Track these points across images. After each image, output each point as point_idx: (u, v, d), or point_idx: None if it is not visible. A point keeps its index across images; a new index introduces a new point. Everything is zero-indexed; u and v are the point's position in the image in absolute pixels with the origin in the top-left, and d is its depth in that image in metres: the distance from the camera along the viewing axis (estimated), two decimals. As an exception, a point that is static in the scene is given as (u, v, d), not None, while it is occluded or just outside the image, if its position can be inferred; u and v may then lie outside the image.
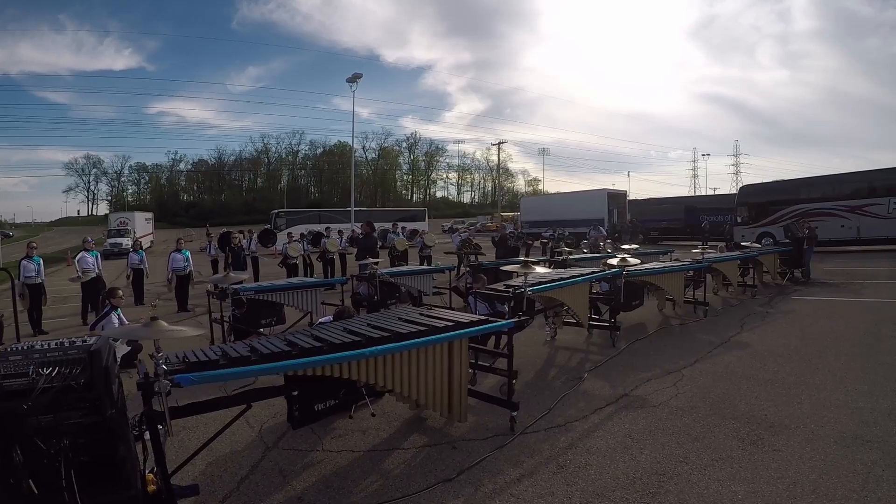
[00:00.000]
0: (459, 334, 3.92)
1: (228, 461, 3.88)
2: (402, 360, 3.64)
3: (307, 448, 4.05)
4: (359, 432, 4.34)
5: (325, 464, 3.78)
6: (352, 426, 4.44)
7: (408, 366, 3.69)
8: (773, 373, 5.43)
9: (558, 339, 7.25)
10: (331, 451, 3.99)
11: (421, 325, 3.87)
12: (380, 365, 3.50)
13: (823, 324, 7.62)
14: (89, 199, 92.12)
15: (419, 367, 3.76)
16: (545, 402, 4.87)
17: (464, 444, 4.07)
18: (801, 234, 12.03)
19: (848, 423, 4.10)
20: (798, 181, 22.00)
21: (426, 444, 4.09)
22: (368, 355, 3.36)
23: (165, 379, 2.58)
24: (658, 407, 4.63)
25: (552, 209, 32.26)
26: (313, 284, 8.04)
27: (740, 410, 4.46)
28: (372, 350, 3.37)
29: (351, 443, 4.14)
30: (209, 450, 3.74)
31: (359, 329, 3.79)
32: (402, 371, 3.65)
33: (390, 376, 3.58)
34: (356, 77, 29.94)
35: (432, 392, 3.88)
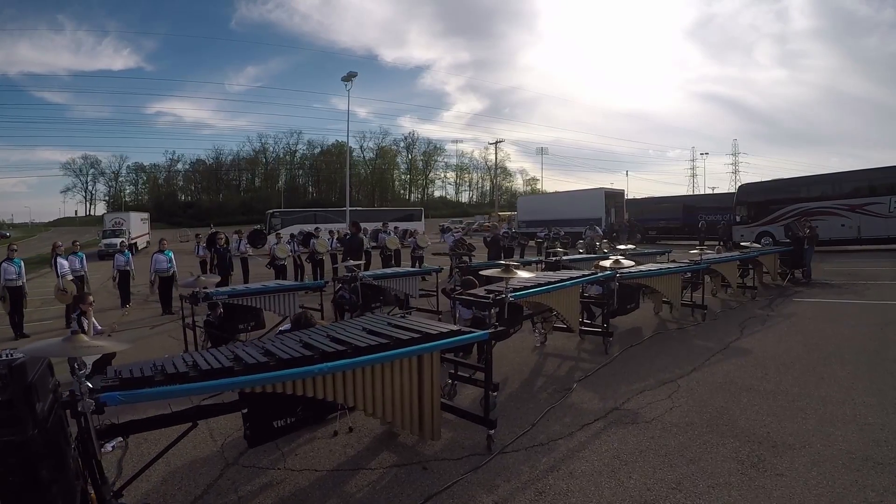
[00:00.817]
0: (425, 348, 3.57)
1: (185, 477, 3.67)
2: (362, 376, 3.32)
3: (268, 466, 3.78)
4: (325, 449, 4.04)
5: (285, 484, 3.53)
6: (319, 441, 4.17)
7: (370, 381, 3.37)
8: (775, 383, 5.06)
9: (549, 344, 6.89)
10: (292, 469, 3.72)
11: (384, 338, 3.53)
12: (336, 381, 3.19)
13: (827, 328, 7.26)
14: (87, 199, 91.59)
15: (383, 383, 3.44)
16: (529, 417, 4.52)
17: (436, 464, 3.74)
18: (801, 234, 11.67)
19: (857, 441, 3.73)
20: (798, 180, 21.63)
21: (395, 464, 3.78)
22: (317, 372, 3.05)
23: (90, 398, 2.41)
24: (651, 423, 4.26)
25: (549, 208, 31.87)
26: (290, 288, 7.67)
27: (740, 427, 4.09)
28: (321, 368, 3.05)
29: (315, 460, 3.86)
30: (167, 464, 3.73)
31: (317, 342, 3.49)
32: (362, 387, 3.34)
33: (350, 392, 3.28)
34: (351, 76, 29.55)
35: (400, 409, 3.56)
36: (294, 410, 3.40)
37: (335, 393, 3.20)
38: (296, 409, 3.40)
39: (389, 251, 16.19)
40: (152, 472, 3.56)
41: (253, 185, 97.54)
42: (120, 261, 12.60)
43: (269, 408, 3.25)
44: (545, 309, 5.99)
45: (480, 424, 3.99)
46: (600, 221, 26.80)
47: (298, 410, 3.45)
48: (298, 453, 3.99)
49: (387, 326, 3.95)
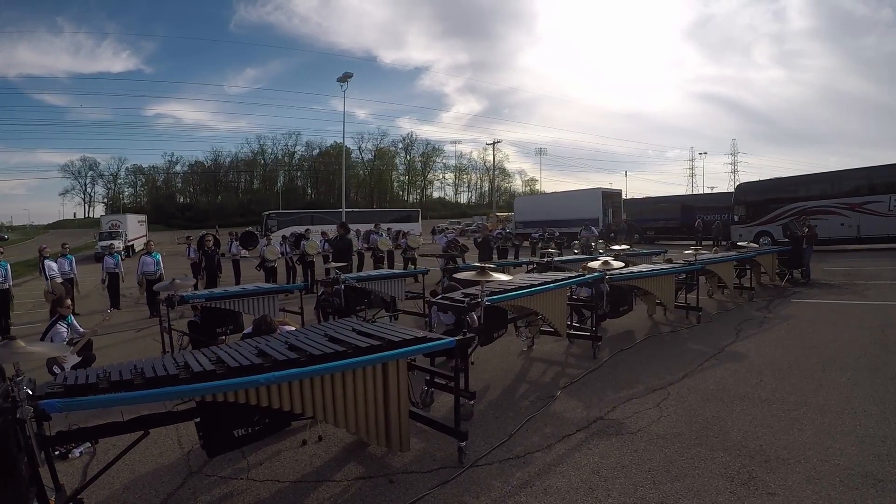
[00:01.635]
0: (386, 356, 3.30)
1: (147, 485, 3.55)
2: (321, 385, 3.08)
3: (231, 475, 3.62)
4: (292, 459, 3.84)
5: (246, 495, 3.37)
6: (286, 451, 3.97)
7: (329, 390, 3.13)
8: (770, 391, 4.78)
9: (536, 348, 6.62)
10: (255, 479, 3.55)
11: (343, 346, 3.29)
12: (293, 390, 2.98)
13: (826, 331, 6.97)
14: (86, 201, 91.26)
15: (345, 392, 3.20)
16: (507, 427, 4.25)
17: (403, 477, 3.50)
18: (800, 233, 11.38)
19: (856, 455, 3.46)
20: (796, 178, 21.34)
21: (360, 477, 3.55)
22: (262, 382, 2.81)
23: (29, 404, 2.32)
24: (636, 434, 3.98)
25: (546, 209, 31.62)
26: (268, 291, 7.41)
27: (732, 439, 3.81)
28: (266, 377, 2.81)
29: (279, 471, 3.67)
30: (131, 471, 3.68)
31: (272, 349, 3.26)
32: (321, 396, 3.10)
33: (309, 402, 3.05)
34: (347, 76, 29.39)
35: (364, 419, 3.32)
36: (256, 419, 3.17)
37: (291, 402, 2.98)
38: (257, 417, 3.17)
39: (381, 252, 15.93)
40: (116, 478, 3.56)
41: (251, 187, 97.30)
42: (109, 263, 12.54)
43: (228, 416, 3.04)
44: (530, 312, 5.71)
45: (451, 436, 3.74)
46: (597, 222, 26.55)
47: (257, 419, 3.21)
48: (263, 463, 3.80)
49: (351, 333, 3.70)
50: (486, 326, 5.35)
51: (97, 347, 7.87)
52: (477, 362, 6.07)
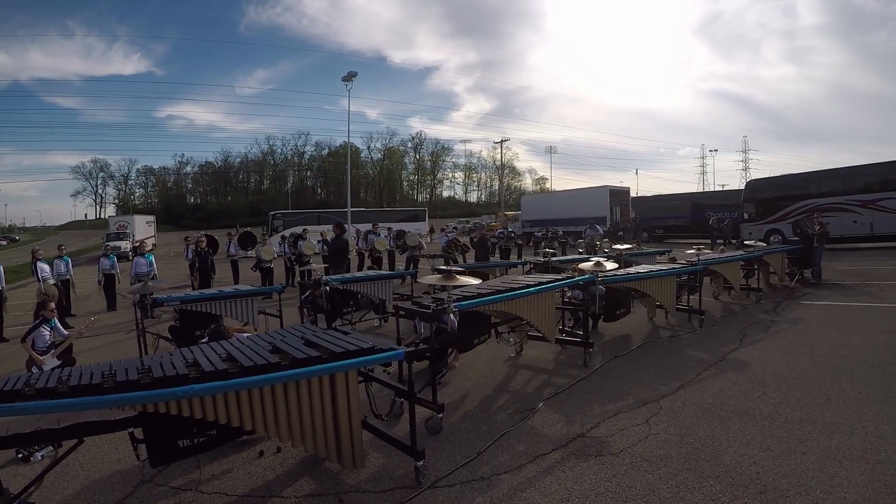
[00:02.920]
0: (321, 369, 2.96)
1: (98, 491, 3.47)
2: (258, 397, 2.84)
3: (182, 486, 3.47)
4: (244, 471, 3.64)
5: None
6: (241, 462, 3.78)
7: (270, 403, 2.88)
8: (773, 405, 4.33)
9: (525, 354, 6.22)
10: (204, 492, 3.39)
11: (279, 358, 3.00)
12: (224, 402, 2.75)
13: (836, 336, 6.47)
14: (97, 202, 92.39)
15: (288, 404, 2.93)
16: (478, 443, 3.87)
17: (354, 496, 3.21)
18: (811, 231, 10.83)
19: (867, 487, 3.00)
20: (807, 175, 20.63)
21: (310, 494, 3.28)
22: (181, 395, 2.61)
23: None
24: (618, 455, 3.57)
25: (553, 208, 31.10)
26: (246, 293, 7.11)
27: (725, 464, 3.38)
28: (185, 390, 2.61)
29: (230, 483, 3.49)
30: (86, 476, 3.63)
31: (207, 359, 3.00)
32: (259, 409, 2.86)
33: (247, 415, 2.82)
34: (351, 76, 29.24)
35: (311, 434, 3.04)
36: (195, 430, 2.93)
37: (228, 415, 2.76)
38: (196, 429, 2.93)
39: (379, 253, 15.59)
40: (70, 483, 3.56)
41: (261, 188, 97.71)
42: (105, 264, 12.58)
43: (171, 426, 2.82)
44: (513, 317, 5.30)
45: (407, 454, 3.39)
46: (605, 220, 25.99)
47: (197, 431, 2.95)
48: (216, 475, 3.61)
49: (298, 342, 3.35)
50: (465, 332, 4.98)
51: (86, 349, 7.70)
52: (459, 369, 5.70)
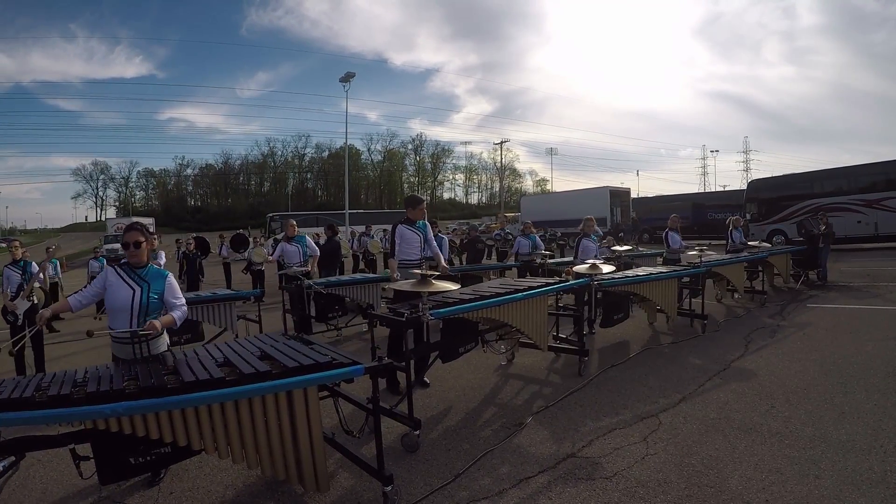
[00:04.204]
0: (266, 386, 2.63)
1: None
2: (206, 415, 2.58)
3: (139, 503, 3.24)
4: (205, 487, 3.39)
5: None
6: (205, 477, 3.54)
7: (219, 421, 2.61)
8: (783, 421, 3.96)
9: (517, 362, 5.86)
10: None
11: (226, 373, 2.74)
12: (168, 420, 2.52)
13: (846, 342, 6.10)
14: (97, 204, 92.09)
15: (240, 423, 2.65)
16: (457, 463, 3.52)
17: None
18: (816, 231, 10.45)
19: (892, 519, 2.64)
20: (810, 174, 20.23)
21: None
22: (109, 414, 2.37)
23: None
24: (611, 479, 3.21)
25: (554, 208, 30.76)
26: (225, 297, 6.76)
27: (730, 490, 3.01)
28: (113, 408, 2.36)
29: (189, 500, 3.25)
30: (44, 490, 3.47)
31: (147, 373, 2.74)
32: (208, 427, 2.59)
33: (195, 434, 2.58)
34: (349, 76, 29.09)
35: (267, 455, 2.74)
36: (155, 447, 2.64)
37: (173, 433, 2.52)
38: (142, 447, 2.63)
39: (372, 255, 15.27)
40: (27, 496, 3.41)
41: (261, 190, 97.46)
42: (94, 267, 12.38)
43: (121, 442, 2.55)
44: (502, 324, 4.94)
45: (374, 477, 3.05)
46: (605, 221, 25.62)
47: (145, 448, 2.64)
48: (175, 490, 3.37)
49: (250, 356, 3.01)
50: (449, 341, 4.63)
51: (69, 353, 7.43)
52: (445, 378, 5.36)
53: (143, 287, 3.26)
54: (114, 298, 3.19)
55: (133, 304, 3.21)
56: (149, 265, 3.37)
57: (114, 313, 3.22)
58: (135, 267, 3.31)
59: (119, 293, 3.20)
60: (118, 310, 3.20)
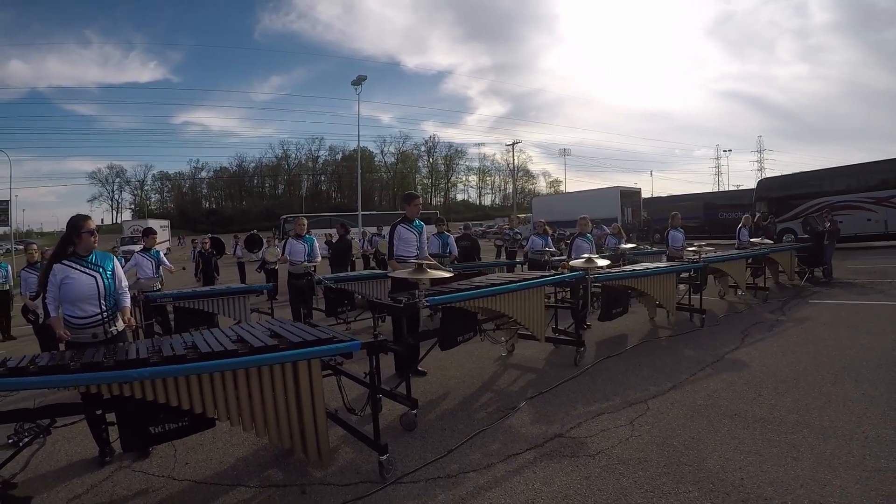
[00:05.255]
0: (273, 357, 2.90)
1: (81, 472, 3.58)
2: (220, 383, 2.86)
3: (157, 472, 3.51)
4: (218, 459, 3.68)
5: (160, 492, 3.26)
6: (218, 449, 3.85)
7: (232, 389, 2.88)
8: (768, 407, 4.08)
9: (517, 354, 6.03)
10: (174, 478, 3.43)
11: (239, 345, 3.02)
12: (186, 386, 2.77)
13: (843, 335, 6.17)
14: (113, 207, 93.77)
15: (250, 392, 2.91)
16: (452, 440, 3.73)
17: (318, 489, 3.14)
18: (820, 229, 10.45)
19: (861, 497, 2.74)
20: (819, 172, 20.06)
21: (276, 484, 3.25)
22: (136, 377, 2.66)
23: None
24: (595, 457, 3.37)
25: (565, 209, 30.75)
26: (238, 291, 7.08)
27: (707, 468, 3.16)
28: (140, 372, 2.66)
29: (202, 470, 3.52)
30: (68, 461, 3.76)
31: (170, 346, 3.03)
32: (222, 395, 2.86)
33: (210, 401, 2.82)
34: (360, 79, 29.46)
35: (274, 423, 2.99)
36: (174, 417, 2.92)
37: (190, 400, 2.77)
38: (162, 415, 2.90)
39: (383, 255, 15.48)
40: (55, 463, 3.74)
41: (276, 192, 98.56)
42: None
43: (143, 411, 2.83)
44: (499, 315, 5.12)
45: (371, 447, 3.31)
46: (616, 221, 25.61)
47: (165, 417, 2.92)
48: (190, 462, 3.65)
49: (262, 333, 3.30)
50: (447, 329, 4.81)
51: None
52: (446, 367, 5.57)
53: (99, 272, 3.57)
54: (78, 290, 3.47)
55: (99, 290, 3.53)
56: (93, 252, 3.64)
57: (78, 303, 3.49)
58: (83, 255, 3.58)
59: (82, 284, 3.49)
60: (85, 298, 3.49)
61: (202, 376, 2.77)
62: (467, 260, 10.73)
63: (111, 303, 3.60)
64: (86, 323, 3.51)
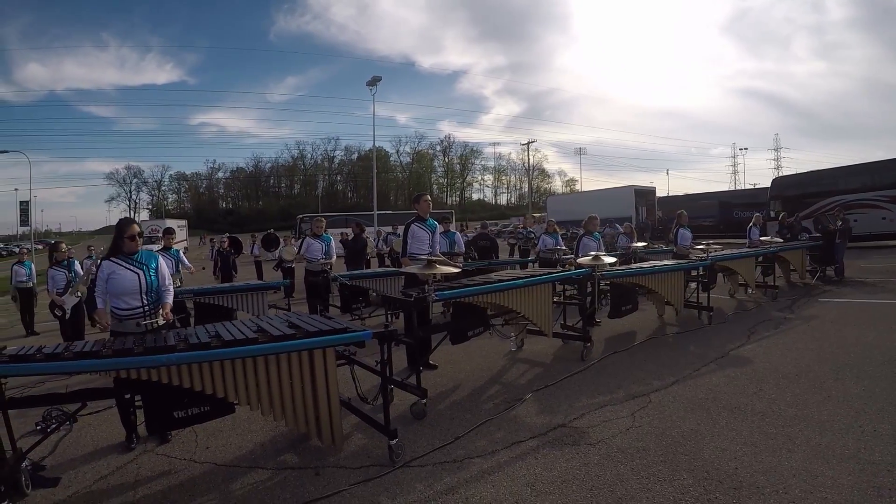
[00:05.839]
0: (290, 345, 3.13)
1: (107, 455, 3.83)
2: (241, 368, 3.09)
3: (179, 456, 3.75)
4: (237, 443, 3.92)
5: (182, 473, 3.48)
6: (238, 434, 4.09)
7: (252, 375, 3.11)
8: (768, 401, 4.18)
9: (527, 349, 6.18)
10: (195, 461, 3.65)
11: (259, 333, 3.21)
12: (208, 371, 3.01)
13: (849, 333, 6.21)
14: (131, 208, 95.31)
15: (269, 378, 3.15)
16: (459, 429, 3.92)
17: (331, 471, 3.35)
18: (832, 227, 10.40)
19: (850, 487, 2.84)
20: (834, 171, 19.81)
21: (291, 466, 3.46)
22: (164, 362, 2.90)
23: None
24: (595, 445, 3.52)
25: (579, 208, 30.72)
26: (257, 287, 7.33)
27: (703, 458, 3.28)
28: (168, 357, 2.90)
29: (222, 453, 3.76)
30: (95, 445, 4.00)
31: (195, 335, 3.26)
32: (243, 381, 3.10)
33: (231, 386, 3.06)
34: (375, 80, 29.71)
35: (291, 408, 3.23)
36: (186, 401, 3.16)
37: (213, 385, 3.01)
38: (186, 400, 3.15)
39: (397, 253, 15.68)
40: (83, 447, 3.99)
41: (292, 192, 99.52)
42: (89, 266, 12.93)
43: (168, 396, 3.09)
44: (508, 310, 5.28)
45: (381, 432, 3.53)
46: (630, 220, 25.55)
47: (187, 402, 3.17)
48: (211, 446, 3.89)
49: (281, 324, 3.51)
50: (457, 324, 4.99)
51: None
52: (457, 362, 5.75)
53: (143, 270, 3.84)
54: (123, 285, 3.75)
55: (141, 285, 3.79)
56: (140, 251, 3.92)
57: (122, 296, 3.77)
58: (130, 254, 3.86)
59: (126, 279, 3.76)
60: (129, 293, 3.76)
61: (224, 362, 2.99)
62: (485, 259, 10.93)
63: (153, 298, 3.87)
64: (128, 314, 3.78)
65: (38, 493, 3.22)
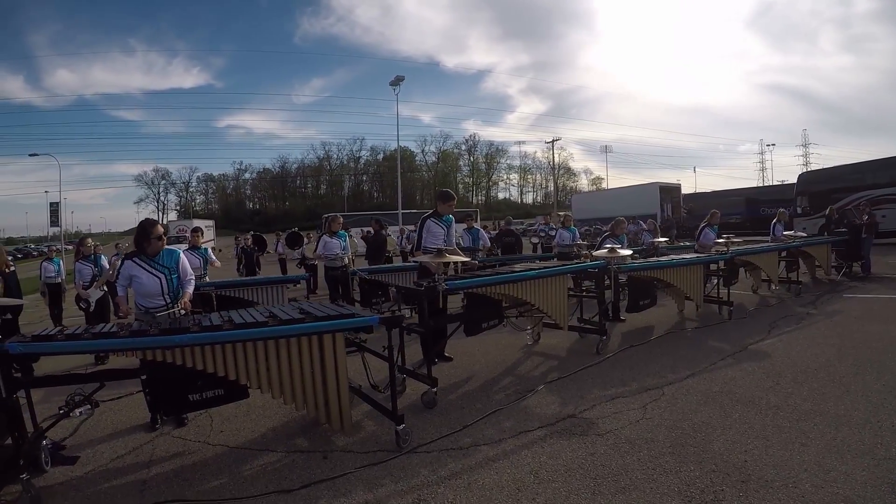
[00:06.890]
0: (297, 328, 3.26)
1: (124, 436, 4.00)
2: (252, 351, 3.21)
3: (193, 438, 3.89)
4: (249, 427, 4.06)
5: (195, 455, 3.62)
6: (251, 418, 4.23)
7: (263, 358, 3.24)
8: (784, 396, 4.12)
9: (542, 342, 6.18)
10: (208, 443, 3.80)
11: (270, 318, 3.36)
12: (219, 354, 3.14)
13: (873, 329, 6.04)
14: (159, 209, 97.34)
15: (279, 361, 3.29)
16: (469, 417, 3.98)
17: (339, 455, 3.45)
18: (858, 222, 10.08)
19: (865, 484, 2.77)
20: (862, 165, 19.09)
21: (301, 450, 3.59)
22: (177, 343, 3.02)
23: None
24: (603, 436, 3.53)
25: (604, 205, 30.49)
26: (276, 280, 7.53)
27: (713, 450, 3.26)
28: (181, 338, 3.01)
29: (234, 436, 3.90)
30: (113, 428, 4.18)
31: (209, 319, 3.43)
32: (254, 363, 3.22)
33: (242, 369, 3.20)
34: (399, 80, 29.82)
35: (300, 392, 3.37)
36: (199, 384, 3.33)
37: (225, 367, 3.14)
38: (200, 383, 3.32)
39: (416, 250, 15.83)
40: (102, 429, 4.17)
41: (318, 192, 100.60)
42: None
43: (181, 381, 3.27)
44: (523, 303, 5.29)
45: (388, 418, 3.61)
46: (656, 217, 25.17)
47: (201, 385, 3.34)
48: (224, 430, 4.02)
49: (294, 311, 3.62)
50: (472, 315, 5.03)
51: None
52: (472, 354, 5.81)
53: (164, 273, 4.04)
54: (146, 288, 3.96)
55: (163, 288, 4.00)
56: (161, 253, 4.08)
57: (146, 297, 4.01)
58: (152, 256, 4.03)
59: (150, 283, 3.97)
60: (152, 295, 3.99)
61: (236, 345, 3.12)
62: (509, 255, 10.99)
63: (175, 295, 4.12)
64: (153, 309, 4.03)
65: (57, 470, 3.42)
